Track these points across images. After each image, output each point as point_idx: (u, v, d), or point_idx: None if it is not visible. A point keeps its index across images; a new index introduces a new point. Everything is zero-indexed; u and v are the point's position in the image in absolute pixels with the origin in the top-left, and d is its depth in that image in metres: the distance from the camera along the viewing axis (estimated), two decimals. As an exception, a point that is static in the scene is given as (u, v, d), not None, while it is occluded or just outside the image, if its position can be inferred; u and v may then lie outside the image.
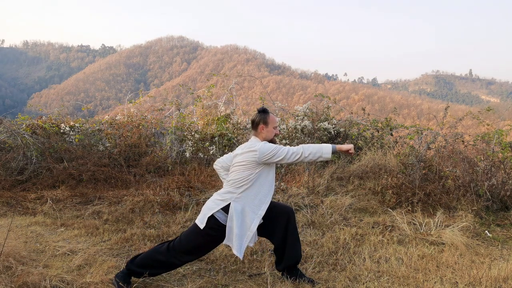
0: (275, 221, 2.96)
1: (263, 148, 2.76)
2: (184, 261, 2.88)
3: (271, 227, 2.96)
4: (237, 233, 2.73)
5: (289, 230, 2.95)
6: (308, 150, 2.73)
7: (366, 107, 8.59)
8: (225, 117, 7.31)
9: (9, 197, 5.33)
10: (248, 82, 74.42)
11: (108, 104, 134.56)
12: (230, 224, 2.75)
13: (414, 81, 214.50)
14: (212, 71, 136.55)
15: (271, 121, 2.90)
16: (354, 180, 5.81)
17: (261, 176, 2.81)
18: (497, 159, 5.10)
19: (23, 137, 6.40)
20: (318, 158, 2.74)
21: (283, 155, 2.74)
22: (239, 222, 2.74)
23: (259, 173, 2.80)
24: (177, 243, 2.83)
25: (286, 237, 2.95)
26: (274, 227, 2.96)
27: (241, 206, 2.76)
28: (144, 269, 2.82)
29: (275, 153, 2.74)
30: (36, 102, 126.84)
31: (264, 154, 2.74)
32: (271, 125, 2.91)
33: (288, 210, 3.00)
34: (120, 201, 5.29)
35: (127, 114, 7.61)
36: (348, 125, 7.13)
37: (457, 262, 3.41)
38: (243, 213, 2.76)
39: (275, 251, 3.03)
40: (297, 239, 3.00)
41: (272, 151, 2.74)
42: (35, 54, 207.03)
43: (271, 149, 2.75)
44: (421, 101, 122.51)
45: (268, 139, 2.91)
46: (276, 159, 2.75)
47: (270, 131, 2.91)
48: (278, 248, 2.98)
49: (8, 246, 3.18)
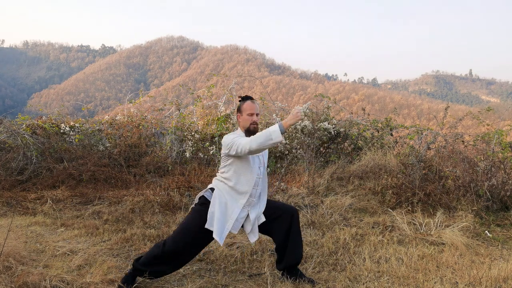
0: (278, 220, 2.95)
1: (224, 140, 2.76)
2: (177, 251, 2.78)
3: (274, 226, 2.96)
4: (219, 217, 2.75)
5: (292, 231, 2.95)
6: (256, 141, 2.59)
7: (366, 107, 8.59)
8: (225, 117, 7.30)
9: (9, 197, 5.33)
10: (248, 82, 74.42)
11: (108, 104, 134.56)
12: (212, 209, 2.78)
13: (414, 81, 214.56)
14: (212, 71, 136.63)
15: (244, 109, 2.85)
16: (354, 180, 5.81)
17: (236, 166, 2.80)
18: (497, 159, 5.10)
19: (23, 137, 6.40)
20: (271, 144, 2.59)
21: (235, 148, 2.67)
22: (220, 207, 2.78)
23: (232, 163, 2.81)
24: (172, 233, 2.92)
25: (288, 237, 2.95)
26: (277, 226, 2.96)
27: (222, 193, 2.81)
28: (146, 267, 2.82)
29: (231, 146, 2.69)
30: (36, 102, 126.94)
31: (224, 146, 2.76)
32: (245, 112, 2.85)
33: (292, 211, 2.98)
34: (120, 201, 5.29)
35: (127, 114, 7.61)
36: (348, 125, 7.13)
37: (457, 262, 3.41)
38: (224, 199, 2.80)
39: (276, 250, 3.03)
40: (300, 240, 3.00)
41: (229, 143, 2.71)
42: (35, 54, 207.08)
43: (228, 141, 2.72)
44: (421, 101, 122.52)
45: (245, 127, 2.85)
46: (233, 152, 2.70)
47: (245, 119, 2.85)
48: (280, 248, 2.98)
49: (8, 246, 3.18)
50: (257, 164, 2.89)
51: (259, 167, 2.91)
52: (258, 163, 2.90)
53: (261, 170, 2.91)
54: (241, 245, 3.68)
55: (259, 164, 2.90)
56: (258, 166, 2.89)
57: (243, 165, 2.81)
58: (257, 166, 2.88)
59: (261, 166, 2.93)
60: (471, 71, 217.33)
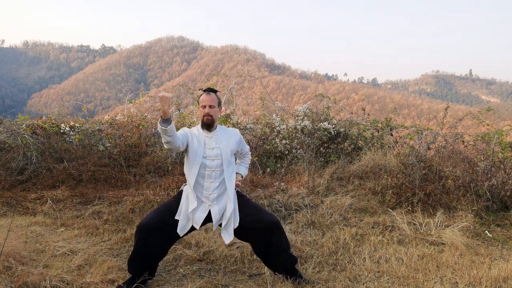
0: (253, 233, 2.86)
1: None
2: (144, 226, 2.73)
3: (249, 237, 2.92)
4: (183, 211, 2.82)
5: (273, 243, 2.86)
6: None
7: (366, 107, 8.59)
8: (225, 117, 7.31)
9: (9, 197, 5.33)
10: (248, 82, 74.43)
11: (108, 104, 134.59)
12: (182, 202, 2.86)
13: (414, 81, 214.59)
14: (212, 71, 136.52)
15: (200, 101, 2.88)
16: (354, 180, 5.81)
17: (186, 159, 2.89)
18: (497, 159, 5.10)
19: (23, 137, 6.40)
20: (162, 133, 2.60)
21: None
22: (184, 202, 2.85)
23: (185, 157, 2.90)
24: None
25: (268, 250, 2.88)
26: (253, 239, 2.91)
27: (187, 189, 2.88)
28: (132, 265, 2.81)
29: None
30: (36, 102, 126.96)
31: None
32: (200, 104, 2.87)
33: (272, 226, 2.82)
34: (120, 201, 5.29)
35: (127, 114, 7.61)
36: (348, 125, 7.13)
37: (457, 262, 3.41)
38: (187, 195, 2.86)
39: (258, 256, 3.00)
40: (284, 250, 2.90)
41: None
42: (35, 54, 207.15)
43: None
44: (421, 101, 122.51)
45: (201, 120, 2.89)
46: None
47: (200, 111, 2.89)
48: (262, 256, 2.96)
49: (8, 246, 3.18)
50: (201, 155, 2.82)
51: (213, 160, 2.83)
52: (203, 154, 2.82)
53: (214, 163, 2.84)
54: (241, 245, 3.67)
55: (204, 155, 2.82)
56: (203, 157, 2.82)
57: (188, 158, 2.86)
58: (201, 157, 2.81)
59: (215, 159, 2.84)
60: (471, 71, 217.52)
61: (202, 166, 2.82)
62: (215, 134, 2.91)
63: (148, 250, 2.77)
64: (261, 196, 5.06)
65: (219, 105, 2.92)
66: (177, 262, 3.39)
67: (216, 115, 2.88)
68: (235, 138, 3.00)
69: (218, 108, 2.91)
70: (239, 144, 3.04)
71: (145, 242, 2.75)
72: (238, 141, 3.02)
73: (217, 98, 2.89)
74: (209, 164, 2.83)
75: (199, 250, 3.60)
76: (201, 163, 2.82)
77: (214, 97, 2.85)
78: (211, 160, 2.83)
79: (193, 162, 2.82)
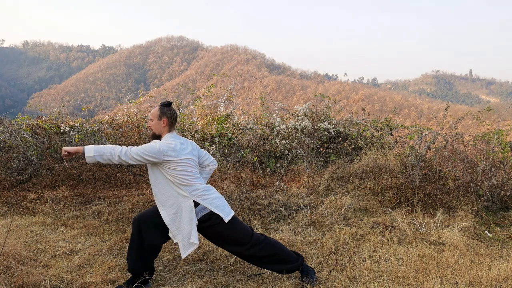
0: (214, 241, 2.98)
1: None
2: (140, 218, 2.87)
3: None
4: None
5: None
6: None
7: (366, 107, 8.58)
8: (225, 117, 7.31)
9: (9, 197, 5.33)
10: (248, 82, 74.46)
11: (108, 104, 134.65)
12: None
13: (414, 81, 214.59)
14: (212, 71, 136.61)
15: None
16: (354, 180, 5.80)
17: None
18: (497, 159, 5.10)
19: (23, 137, 6.40)
20: (107, 162, 2.74)
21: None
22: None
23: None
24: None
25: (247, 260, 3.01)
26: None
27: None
28: (129, 259, 2.85)
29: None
30: (36, 102, 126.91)
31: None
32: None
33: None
34: (120, 201, 5.29)
35: (127, 114, 7.61)
36: (348, 125, 7.12)
37: (457, 262, 3.41)
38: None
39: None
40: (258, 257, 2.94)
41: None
42: (35, 54, 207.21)
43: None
44: (421, 101, 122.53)
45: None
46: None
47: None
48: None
49: (8, 246, 3.18)
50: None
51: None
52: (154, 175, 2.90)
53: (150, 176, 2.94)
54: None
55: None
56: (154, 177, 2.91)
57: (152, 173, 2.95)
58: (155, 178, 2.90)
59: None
60: (471, 71, 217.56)
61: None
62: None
63: (142, 241, 2.82)
64: (261, 196, 5.06)
65: (160, 118, 2.91)
66: (177, 262, 3.39)
67: (156, 128, 2.91)
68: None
69: (159, 121, 2.91)
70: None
71: (139, 230, 2.84)
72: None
73: (158, 111, 2.91)
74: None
75: (199, 250, 3.60)
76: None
77: (154, 111, 2.93)
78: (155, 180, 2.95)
79: (156, 182, 2.93)
